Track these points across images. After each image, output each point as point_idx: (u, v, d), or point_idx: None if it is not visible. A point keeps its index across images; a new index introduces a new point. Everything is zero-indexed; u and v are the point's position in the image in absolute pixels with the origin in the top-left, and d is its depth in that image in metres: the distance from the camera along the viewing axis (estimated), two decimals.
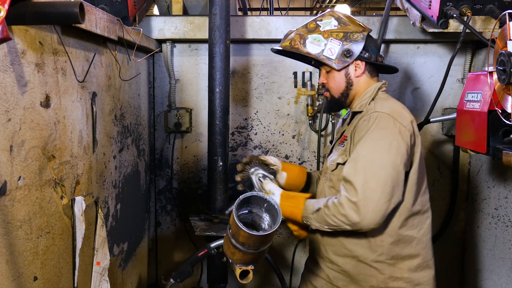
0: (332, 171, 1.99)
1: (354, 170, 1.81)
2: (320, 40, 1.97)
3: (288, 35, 2.05)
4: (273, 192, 2.05)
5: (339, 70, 1.98)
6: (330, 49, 1.96)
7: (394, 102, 1.98)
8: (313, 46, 1.97)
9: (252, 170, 2.19)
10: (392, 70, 2.14)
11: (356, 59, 1.97)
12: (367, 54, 1.98)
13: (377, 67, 2.05)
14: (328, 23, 1.99)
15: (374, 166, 1.79)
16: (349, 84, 2.00)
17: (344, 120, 2.16)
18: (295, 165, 2.50)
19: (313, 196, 2.09)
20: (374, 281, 1.92)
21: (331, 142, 2.31)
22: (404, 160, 1.82)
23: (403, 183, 1.85)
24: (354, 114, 2.01)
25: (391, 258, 1.91)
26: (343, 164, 1.93)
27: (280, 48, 2.06)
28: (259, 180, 2.12)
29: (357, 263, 1.94)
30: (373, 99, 1.97)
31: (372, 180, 1.78)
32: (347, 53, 1.95)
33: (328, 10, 2.06)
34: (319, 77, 2.12)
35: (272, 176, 2.17)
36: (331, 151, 2.11)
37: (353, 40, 1.95)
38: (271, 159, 2.26)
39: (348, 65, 1.98)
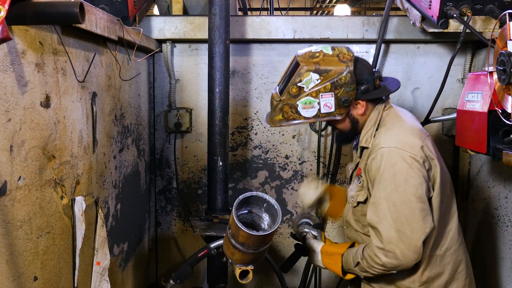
0: (354, 207, 1.96)
1: (377, 216, 1.78)
2: (311, 102, 1.85)
3: (276, 106, 1.91)
4: (314, 249, 2.04)
5: (343, 119, 1.91)
6: (326, 105, 1.85)
7: (400, 126, 1.88)
8: (307, 111, 1.86)
9: (301, 229, 2.19)
10: (394, 84, 2.04)
11: (355, 99, 1.87)
12: (363, 86, 1.87)
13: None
14: (309, 81, 1.83)
15: (397, 207, 1.75)
16: (354, 122, 1.93)
17: (356, 145, 2.08)
18: (335, 193, 2.34)
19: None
20: None
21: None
22: (425, 187, 1.77)
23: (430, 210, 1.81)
24: (363, 147, 1.93)
25: (423, 283, 1.88)
26: (364, 202, 1.90)
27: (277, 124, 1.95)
28: (303, 238, 2.14)
29: None
30: (378, 126, 1.89)
31: (398, 221, 1.74)
32: (344, 103, 1.84)
33: (300, 65, 1.85)
34: None
35: (315, 233, 2.14)
36: (350, 179, 2.08)
37: (343, 85, 1.82)
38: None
39: (349, 110, 1.90)
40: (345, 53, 1.86)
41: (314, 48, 1.89)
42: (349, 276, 1.96)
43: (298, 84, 1.85)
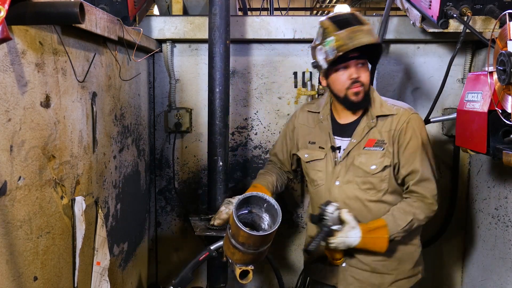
0: (376, 173, 2.06)
1: (427, 170, 2.08)
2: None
3: (370, 31, 2.00)
4: (353, 225, 1.99)
5: None
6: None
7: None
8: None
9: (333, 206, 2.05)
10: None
11: None
12: None
13: None
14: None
15: (431, 162, 2.11)
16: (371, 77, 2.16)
17: (355, 123, 2.13)
18: None
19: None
20: (416, 256, 2.22)
21: (310, 142, 2.27)
22: None
23: None
24: (378, 116, 2.09)
25: (418, 234, 2.24)
26: (390, 165, 2.07)
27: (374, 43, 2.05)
28: (336, 210, 2.00)
29: (404, 246, 2.16)
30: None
31: (435, 174, 2.12)
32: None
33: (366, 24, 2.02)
34: (321, 77, 2.12)
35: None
36: (347, 155, 2.11)
37: None
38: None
39: None
40: None
41: None
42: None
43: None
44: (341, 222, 1.99)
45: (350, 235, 1.99)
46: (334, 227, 1.98)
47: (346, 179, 2.11)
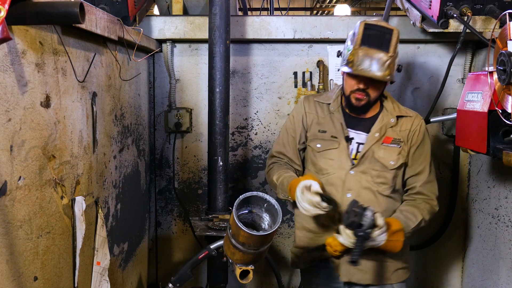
0: (392, 169, 2.14)
1: (433, 171, 2.21)
2: (395, 63, 2.08)
3: (385, 61, 1.97)
4: (384, 230, 1.98)
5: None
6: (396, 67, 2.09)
7: None
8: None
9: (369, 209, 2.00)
10: None
11: None
12: None
13: None
14: (397, 44, 2.06)
15: (433, 162, 2.23)
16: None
17: (373, 118, 2.17)
18: None
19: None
20: (408, 247, 2.31)
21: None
22: None
23: None
24: (398, 116, 2.18)
25: None
26: (403, 164, 2.17)
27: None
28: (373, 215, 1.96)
29: None
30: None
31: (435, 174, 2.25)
32: (399, 67, 2.11)
33: (394, 31, 2.04)
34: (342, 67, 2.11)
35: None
36: (369, 148, 2.14)
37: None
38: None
39: None
40: None
41: None
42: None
43: (396, 45, 2.05)
44: (374, 225, 1.95)
45: (379, 238, 1.98)
46: (369, 231, 1.93)
47: (361, 169, 2.13)
